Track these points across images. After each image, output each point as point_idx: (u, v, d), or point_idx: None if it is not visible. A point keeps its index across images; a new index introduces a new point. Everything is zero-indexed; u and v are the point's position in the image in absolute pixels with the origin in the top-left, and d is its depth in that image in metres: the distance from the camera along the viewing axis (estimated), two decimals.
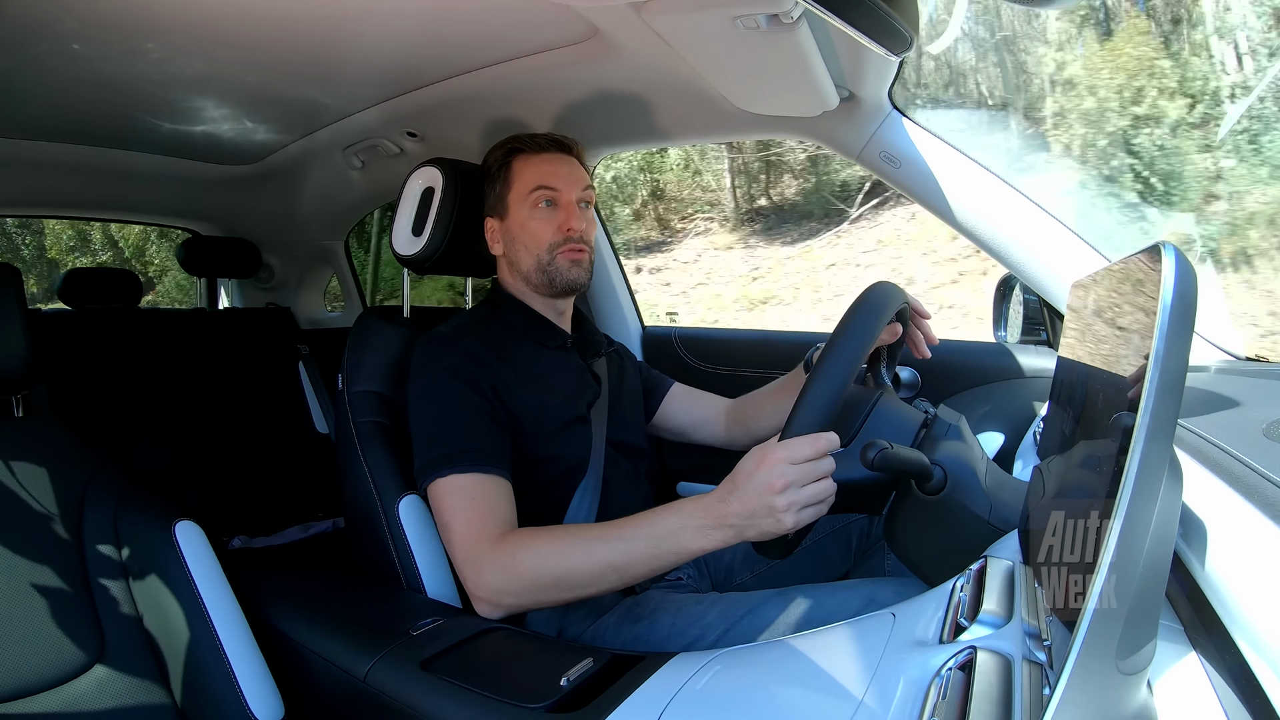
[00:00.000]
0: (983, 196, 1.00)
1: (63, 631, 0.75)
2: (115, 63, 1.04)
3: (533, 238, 0.96)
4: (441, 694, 0.63)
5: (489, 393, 0.87)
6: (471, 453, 0.82)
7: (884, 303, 0.72)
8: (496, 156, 0.99)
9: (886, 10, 0.63)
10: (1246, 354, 0.93)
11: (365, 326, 1.03)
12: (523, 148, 0.98)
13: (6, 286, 0.84)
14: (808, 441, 0.64)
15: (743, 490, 0.65)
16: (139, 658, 0.78)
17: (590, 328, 1.10)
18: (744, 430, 1.10)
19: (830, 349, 0.67)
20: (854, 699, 0.45)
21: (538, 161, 0.97)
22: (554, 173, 0.96)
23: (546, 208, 0.96)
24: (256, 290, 2.25)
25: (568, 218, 0.96)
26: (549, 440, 0.90)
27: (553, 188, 0.95)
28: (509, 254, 0.99)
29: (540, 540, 0.76)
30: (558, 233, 0.95)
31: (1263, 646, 0.31)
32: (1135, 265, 0.43)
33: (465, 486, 0.81)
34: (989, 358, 1.19)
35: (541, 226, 0.95)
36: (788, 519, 0.64)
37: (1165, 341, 0.31)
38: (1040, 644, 0.37)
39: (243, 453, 1.82)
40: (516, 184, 0.97)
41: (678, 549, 0.69)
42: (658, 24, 0.78)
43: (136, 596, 0.81)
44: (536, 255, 0.96)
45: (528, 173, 0.96)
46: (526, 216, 0.96)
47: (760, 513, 0.64)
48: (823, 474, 0.64)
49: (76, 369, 1.62)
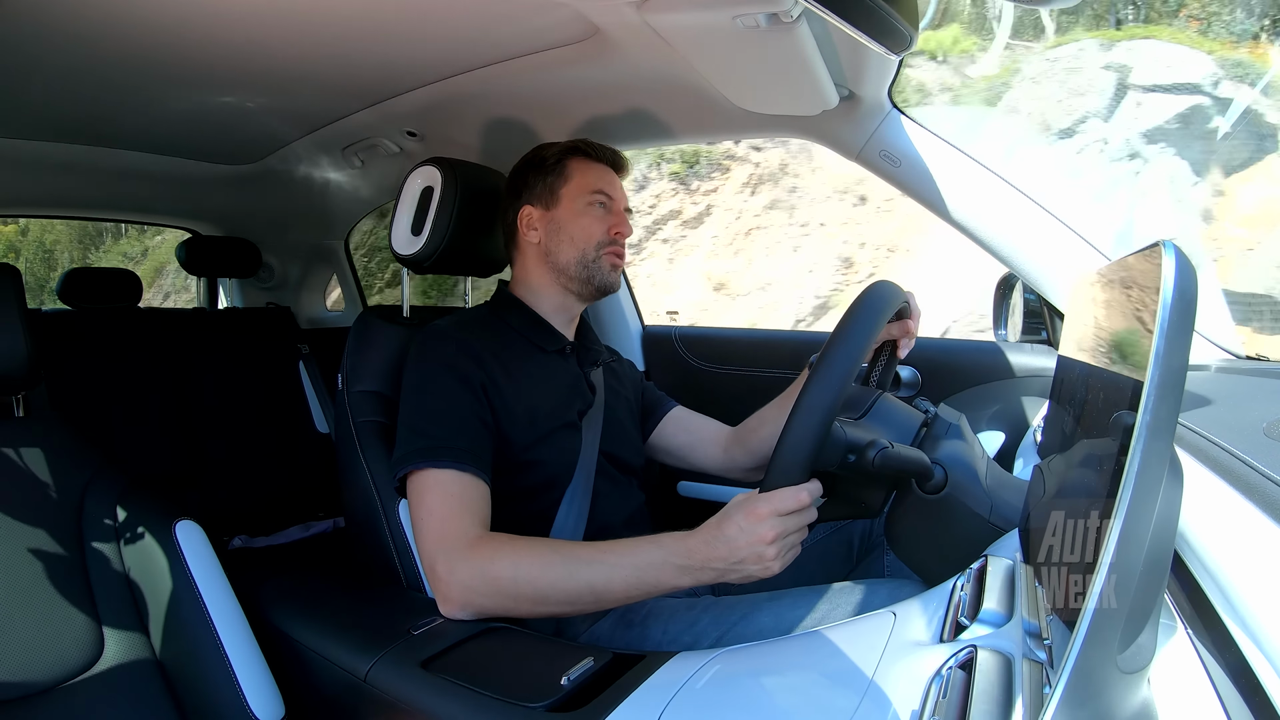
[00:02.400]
0: (983, 195, 1.00)
1: (63, 631, 0.75)
2: (115, 62, 1.04)
3: (584, 231, 0.98)
4: (442, 693, 0.64)
5: (479, 391, 0.86)
6: (455, 449, 0.81)
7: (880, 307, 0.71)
8: (555, 151, 1.02)
9: (886, 9, 0.63)
10: (1247, 352, 0.93)
11: (365, 326, 1.03)
12: (587, 151, 1.02)
13: (6, 286, 0.84)
14: (792, 494, 0.64)
15: (732, 540, 0.66)
16: (139, 657, 0.78)
17: (593, 337, 1.10)
18: (744, 450, 1.08)
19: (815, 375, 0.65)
20: (855, 698, 0.45)
21: (599, 168, 1.01)
22: (612, 182, 1.01)
23: (601, 209, 0.99)
24: (256, 290, 2.25)
25: (620, 221, 1.00)
26: (534, 445, 0.89)
27: (611, 195, 1.00)
28: (548, 243, 1.00)
29: (520, 549, 0.75)
30: (609, 232, 0.99)
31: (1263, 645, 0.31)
32: (1135, 263, 0.43)
33: (444, 482, 0.79)
34: (989, 357, 1.19)
35: (594, 224, 0.98)
36: (776, 566, 0.66)
37: (1165, 340, 0.31)
38: (1040, 643, 0.37)
39: (243, 452, 1.82)
40: (575, 180, 0.99)
41: (657, 583, 0.70)
42: (658, 23, 0.78)
43: (137, 596, 0.81)
44: (583, 249, 0.98)
45: (589, 174, 1.00)
46: (580, 211, 0.98)
47: (750, 560, 0.66)
48: (808, 521, 0.66)
49: (77, 369, 1.62)
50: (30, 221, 7.89)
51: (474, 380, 0.86)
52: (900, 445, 0.64)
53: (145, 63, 1.04)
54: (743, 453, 1.07)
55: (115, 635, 0.78)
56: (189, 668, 0.78)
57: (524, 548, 0.75)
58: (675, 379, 1.52)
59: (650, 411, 1.15)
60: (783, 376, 1.37)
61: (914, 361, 1.17)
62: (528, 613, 0.75)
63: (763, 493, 0.65)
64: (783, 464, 0.64)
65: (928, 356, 1.19)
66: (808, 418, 0.63)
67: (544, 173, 1.00)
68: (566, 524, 0.89)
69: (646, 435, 1.14)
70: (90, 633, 0.76)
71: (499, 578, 0.73)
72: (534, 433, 0.90)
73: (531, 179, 1.01)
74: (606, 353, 1.11)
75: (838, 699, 0.46)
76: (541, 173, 1.01)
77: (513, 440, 0.88)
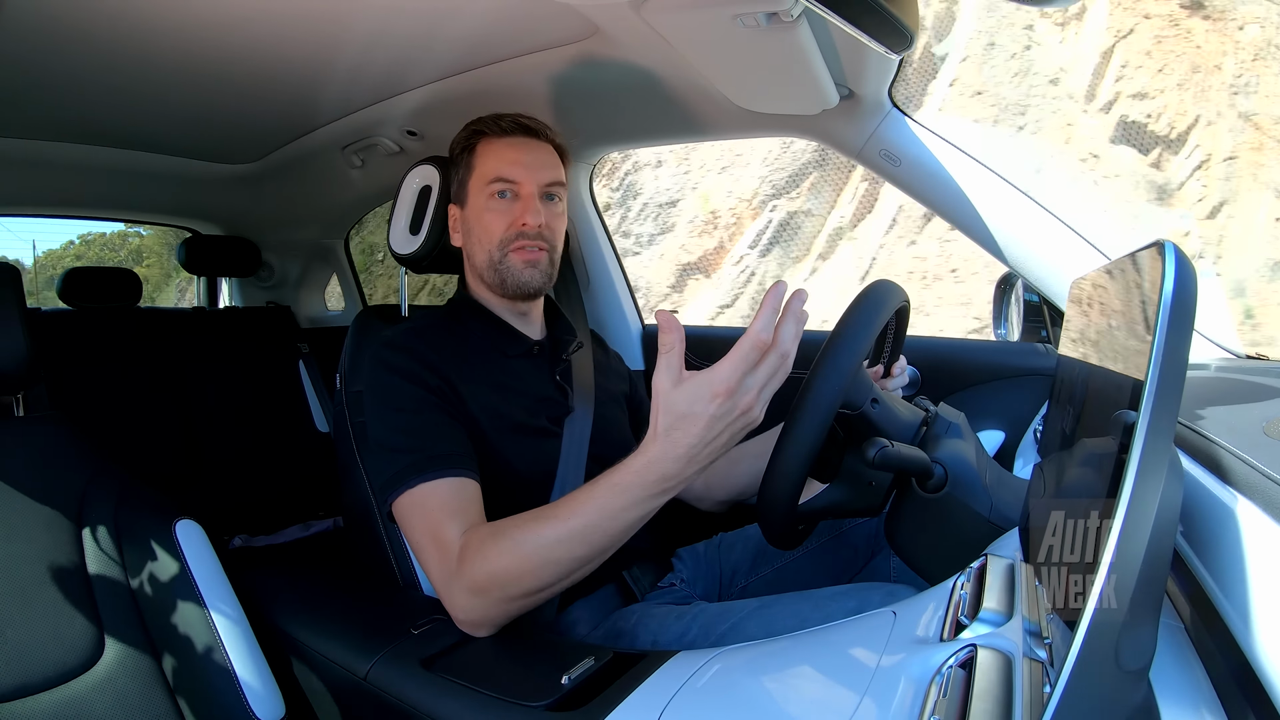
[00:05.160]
0: (983, 195, 1.00)
1: (63, 630, 0.75)
2: (115, 62, 1.04)
3: (485, 231, 0.88)
4: (442, 692, 0.64)
5: (436, 392, 0.81)
6: (434, 456, 0.75)
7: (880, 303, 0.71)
8: (460, 139, 0.92)
9: (886, 8, 0.63)
10: (1247, 352, 0.93)
11: (363, 326, 1.03)
12: (486, 130, 0.90)
13: (6, 286, 0.84)
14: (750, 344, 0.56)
15: (693, 414, 0.58)
16: (139, 657, 0.78)
17: (565, 327, 1.01)
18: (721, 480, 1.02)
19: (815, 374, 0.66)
20: (855, 697, 0.45)
21: (500, 147, 0.89)
22: (516, 159, 0.88)
23: (503, 199, 0.88)
24: (257, 289, 2.25)
25: (524, 211, 0.87)
26: (496, 453, 0.83)
27: (511, 179, 0.87)
28: (466, 247, 0.93)
29: (490, 554, 0.67)
30: (510, 227, 0.87)
31: (1264, 645, 0.31)
32: (1135, 263, 0.43)
33: (425, 499, 0.73)
34: (989, 356, 1.19)
35: (495, 219, 0.88)
36: (757, 410, 0.58)
37: (1165, 339, 0.31)
38: (1041, 642, 0.37)
39: (243, 451, 1.82)
40: (477, 170, 0.90)
41: (641, 517, 0.64)
42: (657, 22, 0.78)
43: (137, 595, 0.81)
44: (489, 251, 0.89)
45: (489, 159, 0.89)
46: (483, 207, 0.89)
47: (727, 419, 0.58)
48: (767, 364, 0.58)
49: (77, 368, 1.62)
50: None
51: (433, 384, 0.81)
52: (900, 444, 0.64)
53: (145, 63, 1.04)
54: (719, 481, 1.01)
55: (115, 635, 0.78)
56: (189, 667, 0.78)
57: (493, 550, 0.67)
58: None
59: (640, 423, 1.10)
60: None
61: (914, 361, 1.17)
62: (532, 603, 0.69)
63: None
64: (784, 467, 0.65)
65: (928, 356, 1.19)
66: (808, 417, 0.63)
67: (456, 165, 0.92)
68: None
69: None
70: (90, 633, 0.76)
71: (485, 588, 0.67)
72: (498, 440, 0.84)
73: (451, 174, 0.94)
74: (592, 340, 1.04)
75: (838, 698, 0.46)
76: (455, 166, 0.92)
77: (479, 446, 0.82)
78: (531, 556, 0.66)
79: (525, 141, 0.90)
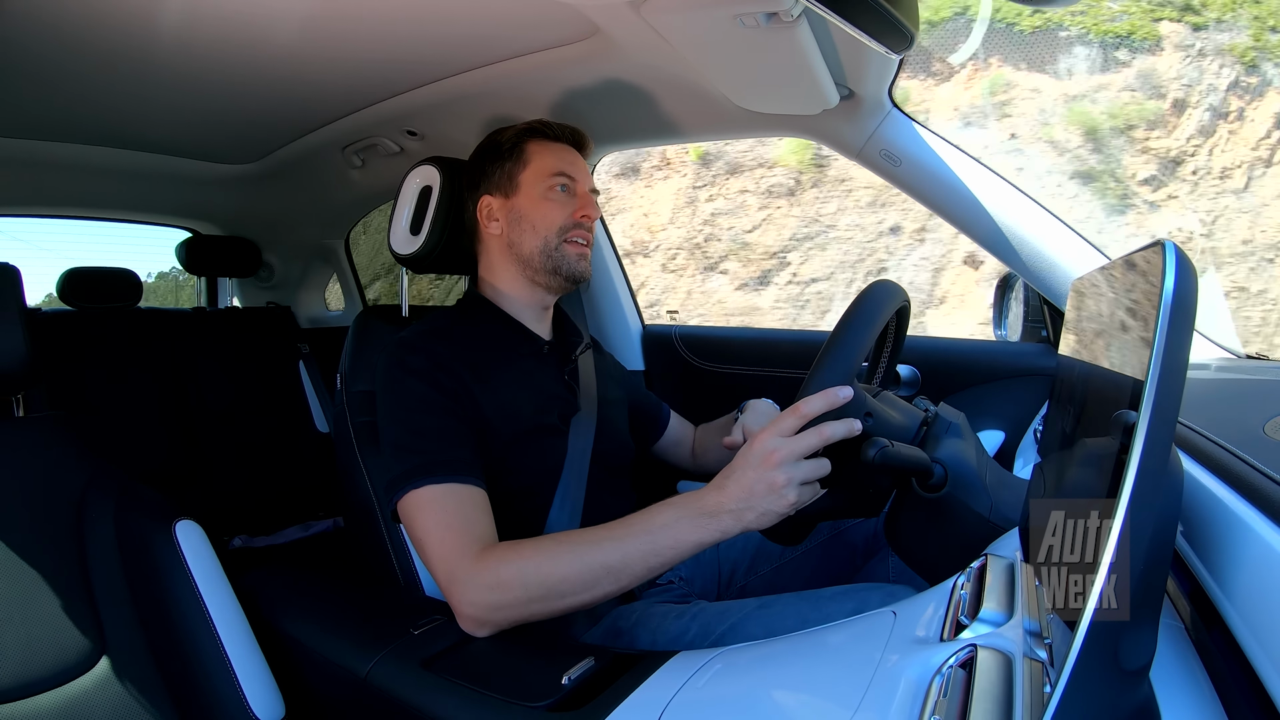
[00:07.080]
0: (983, 195, 1.00)
1: (63, 631, 0.75)
2: (115, 62, 1.04)
3: (544, 218, 0.93)
4: (443, 693, 0.64)
5: (451, 396, 0.83)
6: (449, 461, 0.77)
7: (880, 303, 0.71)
8: (510, 136, 0.97)
9: (886, 8, 0.63)
10: (1247, 352, 0.93)
11: (364, 326, 1.03)
12: (545, 132, 0.97)
13: (6, 286, 0.84)
14: (789, 414, 0.64)
15: (739, 472, 0.65)
16: (139, 657, 0.78)
17: (571, 328, 1.05)
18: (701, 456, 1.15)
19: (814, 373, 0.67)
20: (855, 697, 0.45)
21: (557, 149, 0.96)
22: (572, 162, 0.96)
23: (563, 192, 0.94)
24: (257, 289, 2.25)
25: (584, 204, 0.95)
26: (510, 452, 0.86)
27: (572, 176, 0.95)
28: (510, 234, 0.95)
29: (525, 551, 0.71)
30: (570, 217, 0.94)
31: (1264, 645, 0.31)
32: (1135, 262, 0.43)
33: (437, 499, 0.75)
34: (989, 356, 1.19)
35: (555, 209, 0.93)
36: (790, 493, 0.64)
37: (1165, 339, 0.31)
38: (1041, 642, 0.37)
39: (243, 452, 1.82)
40: (533, 164, 0.94)
41: (675, 543, 0.67)
42: (657, 22, 0.78)
43: (137, 596, 0.81)
44: (545, 237, 0.93)
45: (548, 157, 0.95)
46: (541, 196, 0.93)
47: (760, 491, 0.64)
48: (814, 446, 0.64)
49: (77, 368, 1.62)
50: None
51: (448, 387, 0.83)
52: (900, 444, 0.64)
53: (145, 63, 1.04)
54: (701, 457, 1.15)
55: (115, 635, 0.78)
56: (189, 667, 0.78)
57: (529, 549, 0.71)
58: (675, 379, 1.52)
59: (651, 417, 1.13)
60: (783, 376, 1.37)
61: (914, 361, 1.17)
62: (548, 611, 0.71)
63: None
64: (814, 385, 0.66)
65: (928, 356, 1.19)
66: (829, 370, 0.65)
67: (501, 159, 0.96)
68: (558, 529, 0.86)
69: (653, 441, 1.13)
70: (90, 633, 0.76)
71: (510, 587, 0.70)
72: (510, 439, 0.86)
73: (489, 167, 0.97)
74: (590, 343, 1.06)
75: (838, 698, 0.46)
76: (499, 159, 0.96)
77: (490, 447, 0.84)
78: (567, 555, 0.70)
79: (573, 151, 0.98)
